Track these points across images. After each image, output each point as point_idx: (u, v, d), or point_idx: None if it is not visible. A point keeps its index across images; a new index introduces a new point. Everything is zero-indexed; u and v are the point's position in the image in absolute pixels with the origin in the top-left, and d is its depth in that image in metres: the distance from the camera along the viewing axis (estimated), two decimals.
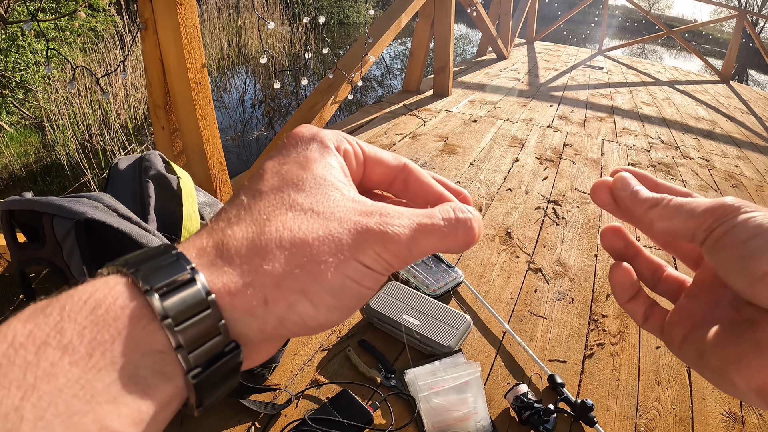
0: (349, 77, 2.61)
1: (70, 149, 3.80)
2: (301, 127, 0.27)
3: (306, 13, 8.65)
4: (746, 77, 14.85)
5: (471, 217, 0.26)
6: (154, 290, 0.19)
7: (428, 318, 1.32)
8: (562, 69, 6.13)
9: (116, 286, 0.19)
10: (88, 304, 0.18)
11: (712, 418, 1.26)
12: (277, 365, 1.21)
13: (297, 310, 0.21)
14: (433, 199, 0.29)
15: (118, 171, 1.07)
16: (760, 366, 0.22)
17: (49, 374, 0.17)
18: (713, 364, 0.25)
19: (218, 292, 0.20)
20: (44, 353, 0.17)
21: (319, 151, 0.25)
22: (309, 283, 0.21)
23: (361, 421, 1.06)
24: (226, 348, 0.21)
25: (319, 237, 0.22)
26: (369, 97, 6.42)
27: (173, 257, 0.21)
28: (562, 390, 1.20)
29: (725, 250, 0.24)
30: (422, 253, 0.24)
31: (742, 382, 0.23)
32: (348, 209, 0.23)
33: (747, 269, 0.23)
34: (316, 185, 0.24)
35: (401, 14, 3.10)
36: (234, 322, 0.21)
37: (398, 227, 0.23)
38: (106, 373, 0.17)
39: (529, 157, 2.94)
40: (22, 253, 0.92)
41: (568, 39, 13.17)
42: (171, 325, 0.19)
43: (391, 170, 0.29)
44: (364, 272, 0.22)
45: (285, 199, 0.23)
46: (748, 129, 4.51)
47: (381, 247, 0.23)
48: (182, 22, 1.51)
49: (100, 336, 0.18)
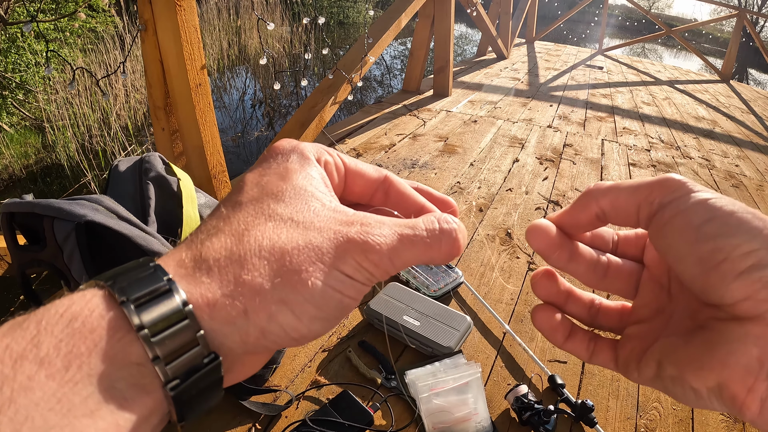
0: (349, 77, 2.61)
1: (70, 150, 3.80)
2: (282, 141, 0.27)
3: (306, 14, 8.65)
4: (746, 76, 14.85)
5: (456, 228, 0.25)
6: (130, 301, 0.19)
7: (428, 319, 1.32)
8: (562, 69, 6.13)
9: (93, 299, 0.19)
10: (65, 317, 0.18)
11: (712, 419, 1.26)
12: (278, 366, 1.21)
13: (278, 321, 0.21)
14: (414, 210, 0.29)
15: (118, 173, 1.08)
16: (712, 365, 0.21)
17: (26, 388, 0.16)
18: (670, 373, 0.23)
19: (196, 302, 0.20)
20: (21, 367, 0.17)
21: (299, 162, 0.25)
22: (289, 293, 0.21)
23: (362, 423, 1.07)
24: (205, 359, 0.20)
25: (299, 246, 0.22)
26: (369, 97, 6.42)
27: (150, 269, 0.21)
28: (563, 391, 1.20)
29: (678, 234, 0.23)
30: (405, 263, 0.24)
31: (700, 384, 0.22)
32: (328, 219, 0.23)
33: (702, 256, 0.22)
34: (296, 195, 0.23)
35: (401, 14, 3.10)
36: (213, 333, 0.20)
37: (379, 237, 0.23)
38: (83, 386, 0.17)
39: (530, 157, 2.94)
40: (23, 255, 0.92)
41: (568, 38, 13.17)
42: (147, 336, 0.19)
43: (372, 182, 0.28)
44: (346, 282, 0.22)
45: (264, 209, 0.23)
46: (748, 128, 4.51)
47: (362, 257, 0.22)
48: (182, 23, 1.51)
49: (76, 349, 0.18)
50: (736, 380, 0.20)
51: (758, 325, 0.20)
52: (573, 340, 0.29)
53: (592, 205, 0.27)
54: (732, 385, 0.21)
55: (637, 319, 0.29)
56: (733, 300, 0.21)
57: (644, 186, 0.25)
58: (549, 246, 0.28)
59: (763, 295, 0.20)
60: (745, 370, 0.20)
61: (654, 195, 0.24)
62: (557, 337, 0.29)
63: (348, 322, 1.39)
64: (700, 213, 0.22)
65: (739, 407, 0.21)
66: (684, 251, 0.23)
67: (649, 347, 0.26)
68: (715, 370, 0.21)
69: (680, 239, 0.23)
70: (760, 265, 0.20)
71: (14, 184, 3.52)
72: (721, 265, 0.21)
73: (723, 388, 0.21)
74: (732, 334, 0.21)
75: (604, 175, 2.83)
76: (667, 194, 0.24)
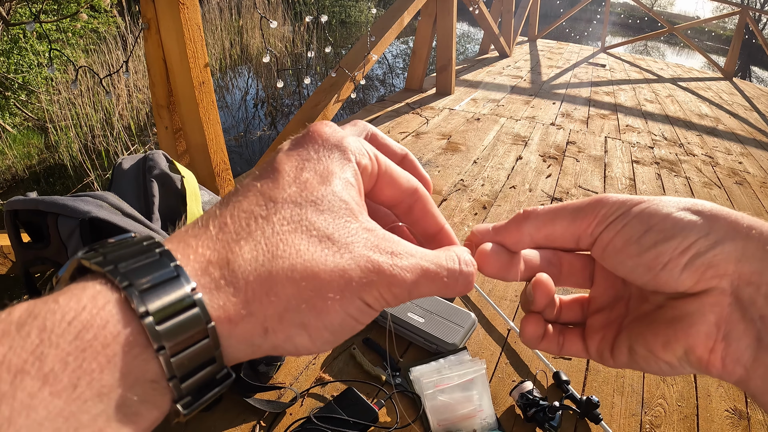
0: (352, 76, 2.61)
1: (73, 150, 3.81)
2: (325, 127, 0.25)
3: (308, 13, 8.65)
4: (749, 74, 14.80)
5: (473, 271, 0.26)
6: (151, 315, 0.18)
7: (433, 316, 1.32)
8: (564, 66, 6.11)
9: (106, 306, 0.17)
10: (73, 326, 0.17)
11: (717, 415, 1.25)
12: (282, 364, 1.21)
13: (294, 342, 0.21)
14: (433, 231, 0.29)
15: (121, 170, 1.08)
16: (677, 337, 0.24)
17: (27, 407, 0.15)
18: (642, 352, 0.26)
19: (218, 319, 0.19)
20: (21, 383, 0.15)
21: (340, 164, 0.24)
22: (311, 319, 0.21)
23: (367, 419, 1.06)
24: (218, 375, 0.20)
25: (331, 271, 0.21)
26: (372, 96, 6.42)
27: (172, 272, 0.19)
28: (568, 387, 1.20)
29: (621, 251, 0.26)
30: (419, 295, 0.24)
31: (670, 356, 0.25)
32: (362, 241, 0.22)
33: (648, 265, 0.25)
34: (335, 208, 0.22)
35: (403, 13, 3.10)
36: (229, 348, 0.20)
37: (406, 271, 0.23)
38: (93, 404, 0.16)
39: (533, 154, 2.94)
40: (27, 252, 0.92)
41: (571, 36, 13.14)
42: (167, 355, 0.18)
43: (401, 194, 0.28)
44: (364, 310, 0.22)
45: (303, 219, 0.21)
46: (751, 126, 4.49)
47: (386, 289, 0.22)
48: (185, 21, 1.51)
49: (86, 365, 0.16)
50: (699, 345, 0.24)
51: (710, 297, 0.24)
52: (546, 338, 0.30)
53: (524, 238, 0.29)
54: (697, 349, 0.24)
55: (598, 307, 0.31)
56: (686, 287, 0.24)
57: (580, 217, 0.27)
58: (501, 269, 0.29)
59: (709, 274, 0.23)
60: (705, 336, 0.24)
61: (590, 226, 0.27)
62: (536, 343, 0.30)
63: None
64: (637, 227, 0.25)
65: (706, 366, 0.24)
66: (631, 264, 0.26)
67: (617, 335, 0.28)
68: (681, 341, 0.24)
69: (624, 256, 0.26)
70: (699, 253, 0.23)
71: (17, 185, 3.53)
72: (667, 266, 0.24)
73: (690, 353, 0.24)
74: (689, 307, 0.24)
75: (608, 172, 2.82)
76: (603, 221, 0.26)
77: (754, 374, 0.23)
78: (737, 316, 0.23)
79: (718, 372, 0.24)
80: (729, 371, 0.23)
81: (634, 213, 0.25)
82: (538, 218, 0.28)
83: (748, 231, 0.23)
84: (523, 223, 0.28)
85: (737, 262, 0.23)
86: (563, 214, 0.28)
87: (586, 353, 0.30)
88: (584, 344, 0.30)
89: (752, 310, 0.23)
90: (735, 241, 0.23)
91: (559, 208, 0.28)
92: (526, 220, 0.28)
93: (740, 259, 0.23)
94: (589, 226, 0.27)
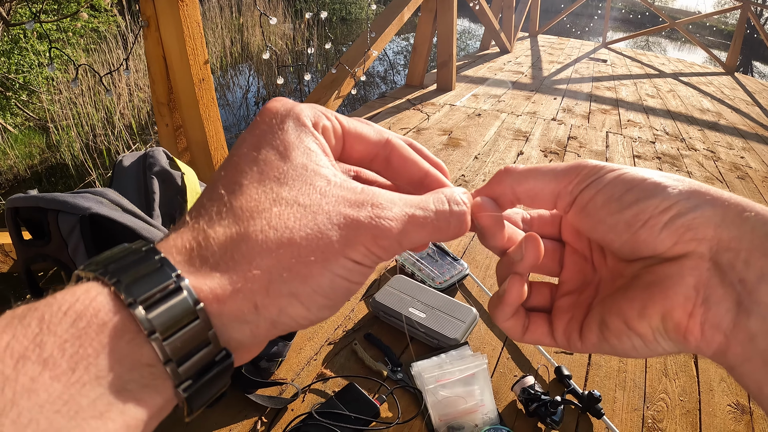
0: (352, 72, 2.61)
1: (74, 149, 3.82)
2: (275, 102, 0.25)
3: (308, 9, 8.64)
4: (751, 68, 14.74)
5: (465, 210, 0.25)
6: (138, 303, 0.18)
7: (434, 311, 1.32)
8: (565, 62, 6.09)
9: (97, 297, 0.18)
10: (69, 316, 0.17)
11: (719, 410, 1.25)
12: (284, 360, 1.21)
13: (288, 313, 0.21)
14: (418, 177, 0.28)
15: (122, 167, 1.08)
16: (654, 300, 0.23)
17: (29, 390, 0.16)
18: (614, 325, 0.25)
19: (206, 299, 0.20)
20: (23, 367, 0.16)
21: (296, 132, 0.24)
22: (299, 286, 0.21)
23: (368, 415, 1.06)
24: (216, 357, 0.20)
25: (307, 235, 0.21)
26: (372, 92, 6.41)
27: (156, 263, 0.20)
28: (569, 382, 1.20)
29: (601, 209, 0.25)
30: (412, 244, 0.24)
31: (644, 326, 0.24)
32: (336, 199, 0.22)
33: (628, 221, 0.24)
34: (298, 177, 0.22)
35: (403, 9, 3.09)
36: (224, 328, 0.20)
37: (390, 221, 0.22)
38: (91, 387, 0.17)
39: (534, 150, 2.93)
40: (28, 249, 0.92)
41: (572, 32, 13.10)
42: (159, 339, 0.18)
43: (372, 147, 0.27)
44: (353, 268, 0.22)
45: (268, 193, 0.22)
46: (753, 120, 4.48)
47: (372, 243, 0.22)
48: (184, 18, 1.50)
49: (82, 350, 0.17)
50: (677, 308, 0.23)
51: (690, 259, 0.23)
52: (512, 318, 0.29)
53: (506, 191, 0.28)
54: (675, 313, 0.23)
55: (567, 290, 0.30)
56: (665, 248, 0.24)
57: (561, 175, 0.27)
58: (495, 220, 0.28)
59: (688, 236, 0.23)
60: (684, 298, 0.23)
61: (571, 183, 0.26)
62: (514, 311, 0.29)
63: (354, 315, 1.39)
64: (619, 186, 0.25)
65: (683, 334, 0.23)
66: (611, 222, 0.25)
67: (586, 314, 0.28)
68: (658, 304, 0.23)
69: (605, 212, 0.25)
70: (680, 214, 0.23)
71: (19, 184, 3.53)
72: (647, 223, 0.24)
73: (667, 319, 0.23)
74: (668, 271, 0.24)
75: None
76: (584, 180, 0.26)
77: (734, 340, 0.22)
78: (716, 281, 0.22)
79: (696, 341, 0.23)
80: (708, 339, 0.22)
81: (616, 174, 0.25)
82: (520, 173, 0.28)
83: (726, 200, 0.23)
84: (504, 177, 0.28)
85: (716, 227, 0.23)
86: (544, 171, 0.27)
87: (552, 338, 0.29)
88: (550, 327, 0.29)
89: (731, 275, 0.22)
90: (714, 208, 0.23)
91: (541, 166, 0.28)
92: (507, 175, 0.28)
93: (719, 225, 0.23)
94: (570, 183, 0.26)
